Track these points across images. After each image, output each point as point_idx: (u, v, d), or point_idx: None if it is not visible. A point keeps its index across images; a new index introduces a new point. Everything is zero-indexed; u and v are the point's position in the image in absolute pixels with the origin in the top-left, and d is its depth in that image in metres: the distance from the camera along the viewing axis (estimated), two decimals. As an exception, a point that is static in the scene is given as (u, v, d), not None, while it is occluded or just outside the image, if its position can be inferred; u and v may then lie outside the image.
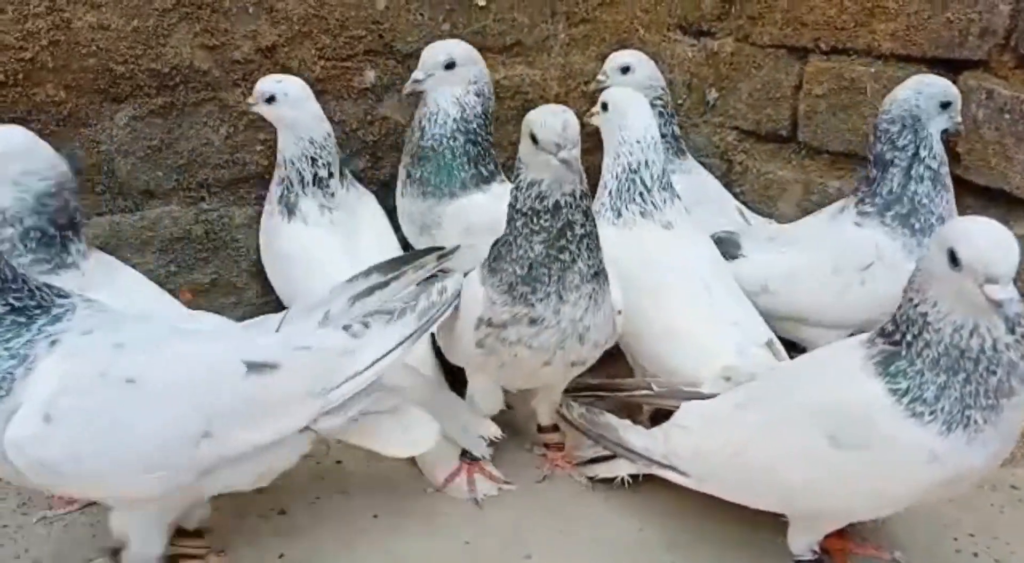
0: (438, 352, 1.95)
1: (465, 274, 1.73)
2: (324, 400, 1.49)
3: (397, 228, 2.21)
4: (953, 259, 1.26)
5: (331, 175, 2.05)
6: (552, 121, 1.51)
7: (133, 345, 1.36)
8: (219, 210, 2.17)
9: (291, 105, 1.99)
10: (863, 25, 2.21)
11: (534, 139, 1.53)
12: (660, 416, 1.78)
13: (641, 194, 1.89)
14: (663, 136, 2.07)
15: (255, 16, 2.06)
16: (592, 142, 1.94)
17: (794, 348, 2.00)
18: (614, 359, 1.94)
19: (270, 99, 1.98)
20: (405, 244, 2.20)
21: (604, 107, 1.95)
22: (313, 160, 2.02)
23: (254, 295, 2.24)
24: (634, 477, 1.76)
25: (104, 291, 1.64)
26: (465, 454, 1.88)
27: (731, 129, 2.54)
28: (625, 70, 2.27)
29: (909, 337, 1.33)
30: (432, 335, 1.97)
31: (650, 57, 2.36)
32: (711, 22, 2.50)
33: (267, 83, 1.98)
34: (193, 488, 1.44)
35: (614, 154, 1.91)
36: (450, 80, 2.07)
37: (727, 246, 2.07)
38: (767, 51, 2.40)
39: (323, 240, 2.02)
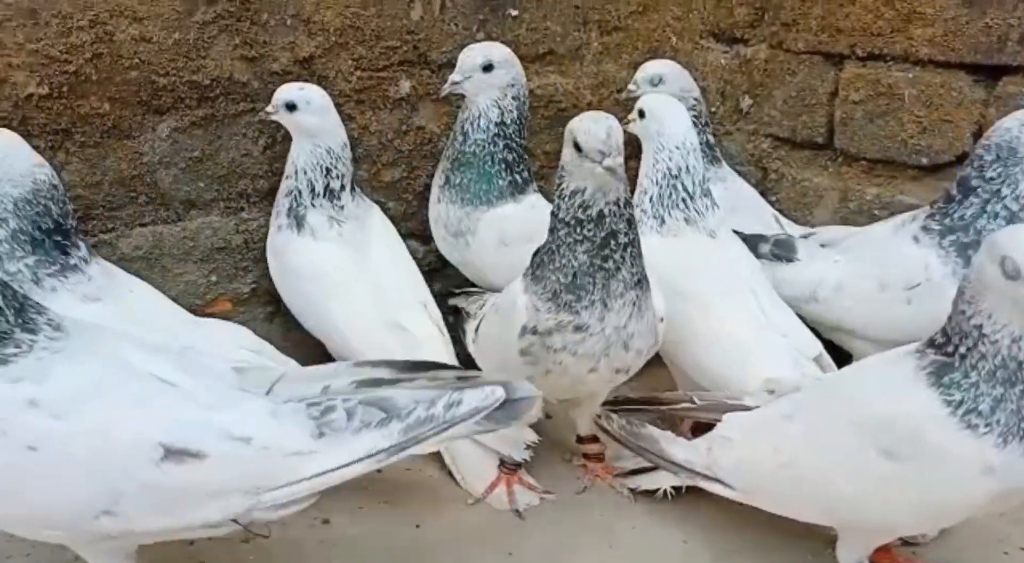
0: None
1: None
2: (255, 500, 1.32)
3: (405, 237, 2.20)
4: (1007, 268, 1.25)
5: (343, 187, 2.03)
6: (596, 129, 1.51)
7: (48, 405, 1.25)
8: (258, 220, 2.18)
9: (312, 113, 1.98)
10: (900, 31, 2.20)
11: (577, 147, 1.53)
12: (700, 428, 1.78)
13: (684, 200, 1.88)
14: (698, 145, 2.07)
15: (293, 28, 2.08)
16: (628, 150, 1.94)
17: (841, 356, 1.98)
18: (652, 370, 1.93)
19: (291, 107, 1.97)
20: (415, 254, 2.19)
21: (641, 114, 1.95)
22: (327, 170, 2.01)
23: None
24: (677, 489, 1.76)
25: (109, 297, 1.67)
26: (503, 464, 1.87)
27: (765, 136, 2.53)
28: (656, 81, 2.27)
29: (963, 349, 1.32)
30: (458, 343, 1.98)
31: (682, 65, 2.36)
32: (744, 29, 2.49)
33: (288, 91, 1.98)
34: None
35: (652, 160, 1.91)
36: (488, 82, 2.07)
37: (783, 249, 2.05)
38: (802, 58, 2.39)
39: (334, 254, 1.99)
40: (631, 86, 2.29)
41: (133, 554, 1.42)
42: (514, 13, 2.30)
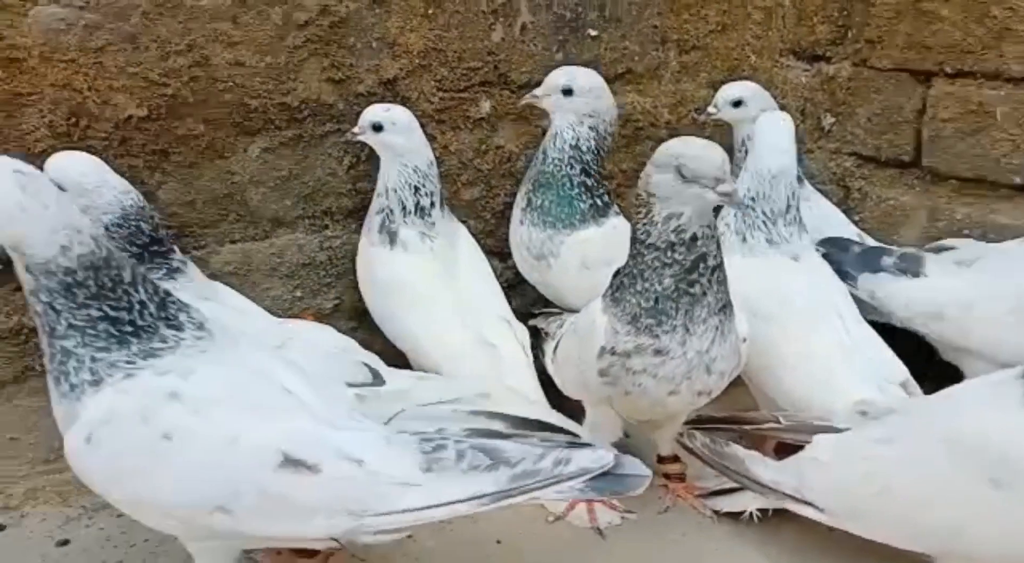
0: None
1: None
2: (357, 522, 1.35)
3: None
4: None
5: (432, 204, 2.07)
6: (710, 154, 1.51)
7: (187, 400, 1.33)
8: (342, 237, 2.22)
9: (398, 133, 2.02)
10: (991, 48, 2.15)
11: (681, 172, 1.52)
12: (783, 450, 1.75)
13: (765, 223, 1.87)
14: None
15: (378, 51, 2.13)
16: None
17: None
18: (732, 390, 1.91)
19: (378, 128, 2.02)
20: (493, 271, 2.21)
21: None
22: (416, 188, 2.05)
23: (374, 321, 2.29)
24: (762, 511, 1.73)
25: (214, 297, 1.77)
26: (584, 482, 1.87)
27: (848, 155, 2.49)
28: (737, 104, 2.24)
29: (1075, 373, 1.27)
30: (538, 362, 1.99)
31: (761, 84, 2.34)
32: (826, 47, 2.47)
33: (374, 112, 2.03)
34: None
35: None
36: (567, 106, 2.10)
37: (910, 263, 2.00)
38: (887, 75, 2.35)
39: (425, 268, 2.03)
40: (711, 109, 2.28)
41: (238, 559, 1.47)
42: (593, 33, 2.32)
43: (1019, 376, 1.36)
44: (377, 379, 1.75)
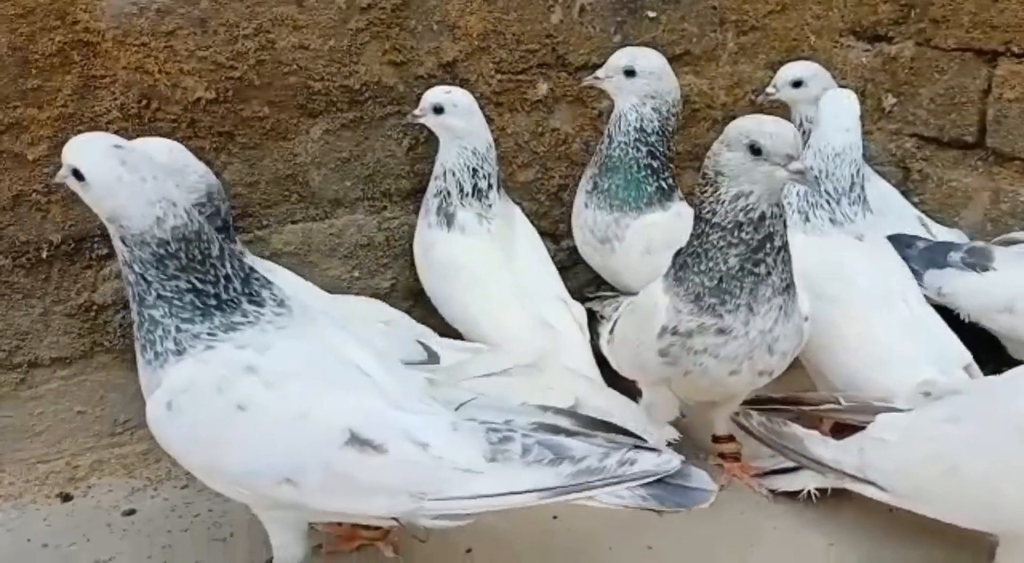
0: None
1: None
2: (418, 504, 1.37)
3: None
4: None
5: (490, 186, 2.09)
6: (782, 131, 1.51)
7: (263, 374, 1.36)
8: (400, 218, 2.25)
9: (459, 116, 2.04)
10: (1058, 26, 2.11)
11: (754, 150, 1.52)
12: (840, 431, 1.75)
13: (828, 202, 1.85)
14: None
15: (438, 33, 2.15)
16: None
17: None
18: (789, 372, 1.90)
19: (438, 110, 2.03)
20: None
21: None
22: (474, 171, 2.07)
23: (429, 300, 2.33)
24: (821, 491, 1.72)
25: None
26: (639, 460, 1.88)
27: (909, 136, 2.46)
28: (797, 84, 2.21)
29: None
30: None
31: (821, 64, 2.31)
32: (888, 27, 2.43)
33: (435, 94, 2.05)
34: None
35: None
36: (629, 88, 2.09)
37: (978, 257, 1.97)
38: (952, 55, 2.32)
39: (482, 250, 2.05)
40: (770, 89, 2.26)
41: (304, 530, 1.50)
42: (652, 15, 2.31)
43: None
44: (432, 358, 1.79)
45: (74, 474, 1.99)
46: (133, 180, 1.33)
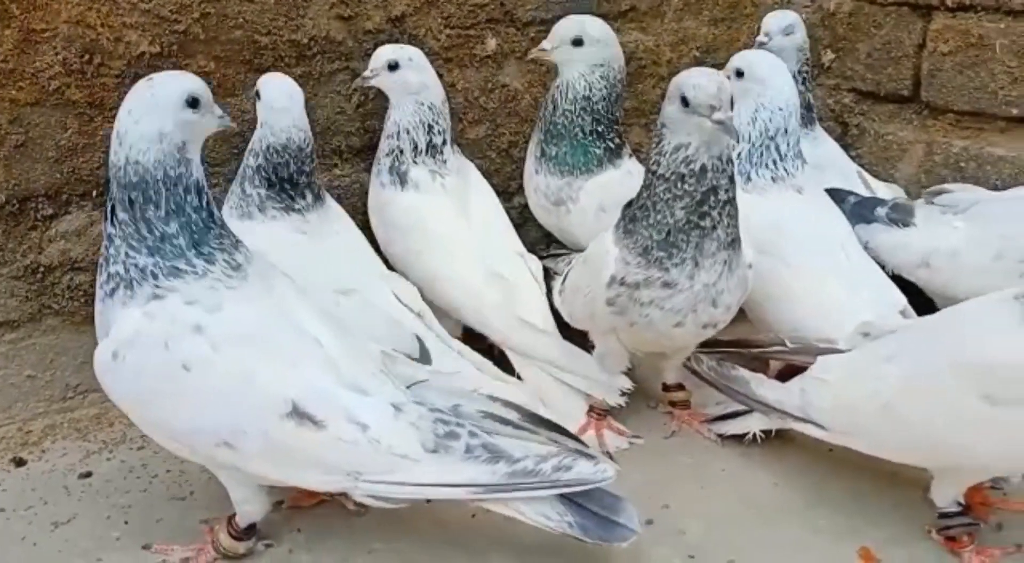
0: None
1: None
2: (353, 483, 1.39)
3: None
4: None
5: (444, 142, 2.08)
6: (706, 83, 1.53)
7: (210, 334, 1.37)
8: (350, 176, 2.25)
9: (415, 70, 2.02)
10: (992, -20, 2.17)
11: (684, 101, 1.55)
12: (786, 375, 1.81)
13: (775, 161, 1.90)
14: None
15: (387, -14, 2.13)
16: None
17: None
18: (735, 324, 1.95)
19: (393, 66, 2.00)
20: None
21: (739, 74, 1.93)
22: (430, 127, 2.05)
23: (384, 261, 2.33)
24: (765, 433, 1.79)
25: (318, 236, 1.90)
26: (592, 409, 1.92)
27: (847, 91, 2.52)
28: (789, 31, 2.21)
29: (1067, 293, 1.32)
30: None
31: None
32: (827, -18, 2.48)
33: (388, 51, 2.02)
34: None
35: (749, 119, 1.91)
36: (577, 57, 2.08)
37: (900, 214, 2.03)
38: (888, 9, 2.37)
39: (437, 207, 2.04)
40: (761, 37, 2.21)
41: (263, 486, 1.50)
42: (599, -30, 2.32)
43: (1016, 298, 1.40)
44: (423, 357, 1.77)
45: (27, 439, 1.96)
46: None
